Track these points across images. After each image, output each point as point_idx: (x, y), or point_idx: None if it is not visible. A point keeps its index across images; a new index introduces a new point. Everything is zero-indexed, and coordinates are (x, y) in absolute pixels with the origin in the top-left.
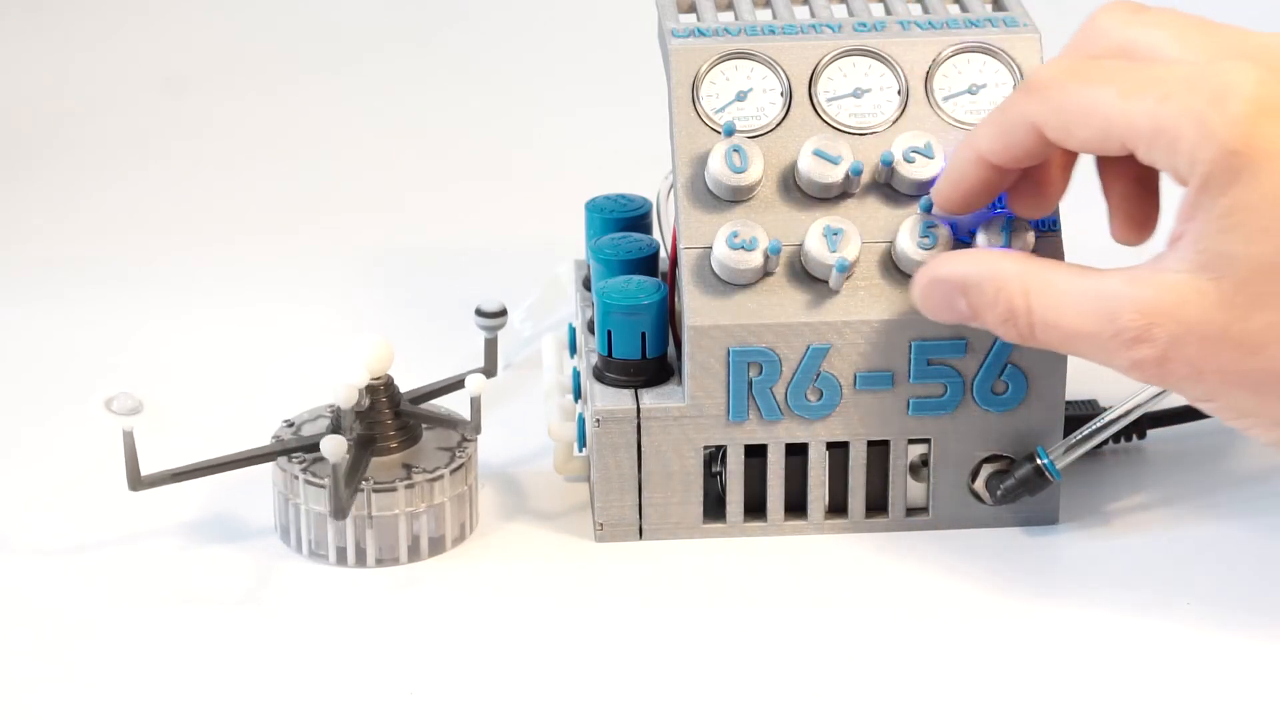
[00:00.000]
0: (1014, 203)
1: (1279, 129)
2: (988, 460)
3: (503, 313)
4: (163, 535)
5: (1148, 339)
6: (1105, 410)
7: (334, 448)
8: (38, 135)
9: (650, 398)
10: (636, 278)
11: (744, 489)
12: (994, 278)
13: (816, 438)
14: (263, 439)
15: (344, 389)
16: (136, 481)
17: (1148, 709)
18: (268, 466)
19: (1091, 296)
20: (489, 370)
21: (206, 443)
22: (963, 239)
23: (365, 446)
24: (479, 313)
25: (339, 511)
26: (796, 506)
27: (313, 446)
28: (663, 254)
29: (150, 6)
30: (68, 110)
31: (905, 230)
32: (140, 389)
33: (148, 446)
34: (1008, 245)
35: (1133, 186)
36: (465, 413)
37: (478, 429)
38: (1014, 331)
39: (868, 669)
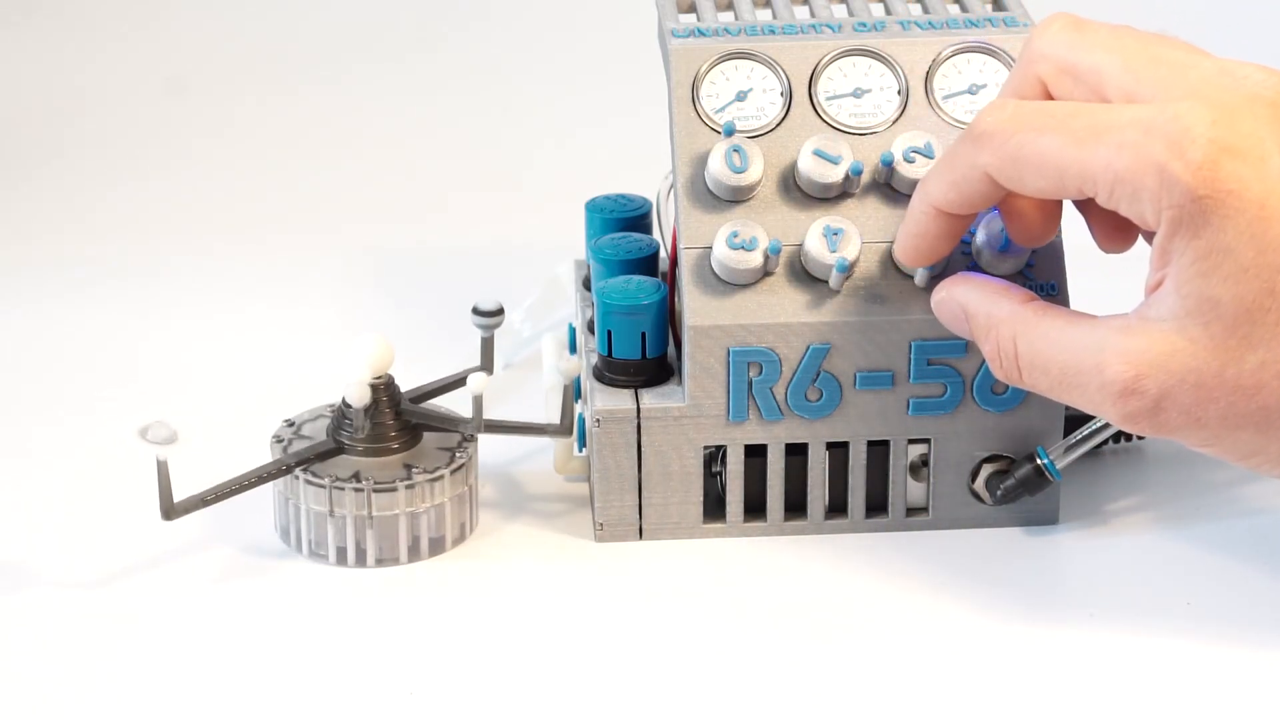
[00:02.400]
0: (1014, 235)
1: (1239, 169)
2: (988, 460)
3: (499, 311)
4: (163, 535)
5: (1137, 391)
6: None
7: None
8: (37, 136)
9: (650, 398)
10: (636, 278)
11: (744, 489)
12: (989, 315)
13: (816, 438)
14: (263, 439)
15: (355, 387)
16: (170, 510)
17: (1148, 709)
18: None
19: (1080, 348)
20: (485, 369)
21: (206, 443)
22: (963, 239)
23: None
24: (476, 311)
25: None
26: (796, 506)
27: (327, 453)
28: (663, 254)
29: (150, 6)
30: (67, 111)
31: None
32: (140, 389)
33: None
34: (1007, 245)
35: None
36: (465, 411)
37: (480, 427)
38: (1002, 372)
39: (868, 669)
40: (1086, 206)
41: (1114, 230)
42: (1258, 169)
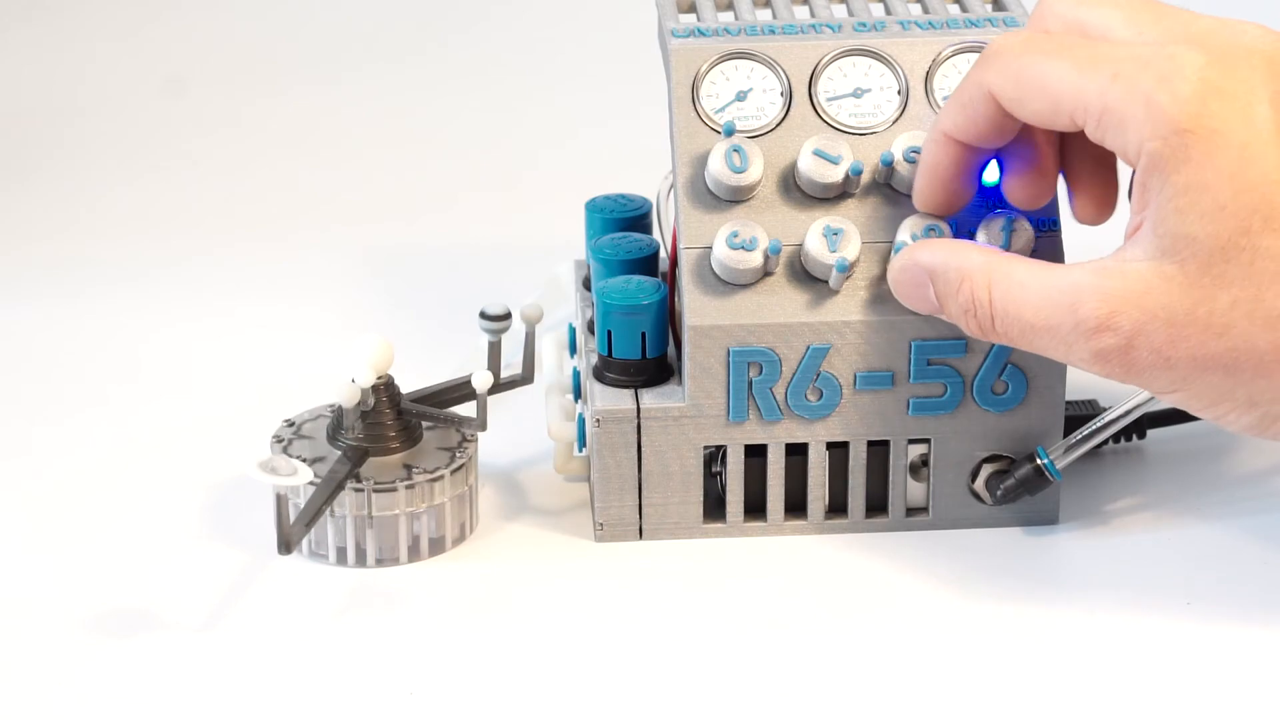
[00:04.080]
0: (1012, 193)
1: (1225, 109)
2: (988, 460)
3: (507, 316)
4: (163, 535)
5: (1110, 327)
6: (1105, 410)
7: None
8: (37, 136)
9: (650, 398)
10: (636, 278)
11: (744, 489)
12: (959, 268)
13: (816, 438)
14: (263, 439)
15: (346, 388)
16: (287, 545)
17: (1148, 709)
18: None
19: (1054, 289)
20: (492, 374)
21: (207, 443)
22: (963, 239)
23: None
24: (484, 315)
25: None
26: (796, 506)
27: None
28: (663, 254)
29: (150, 6)
30: (67, 111)
31: (905, 230)
32: (140, 389)
33: (147, 446)
34: (1007, 245)
35: (1091, 165)
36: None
37: (484, 425)
38: (974, 323)
39: (868, 669)
40: (1071, 163)
41: (1095, 192)
42: (1244, 113)
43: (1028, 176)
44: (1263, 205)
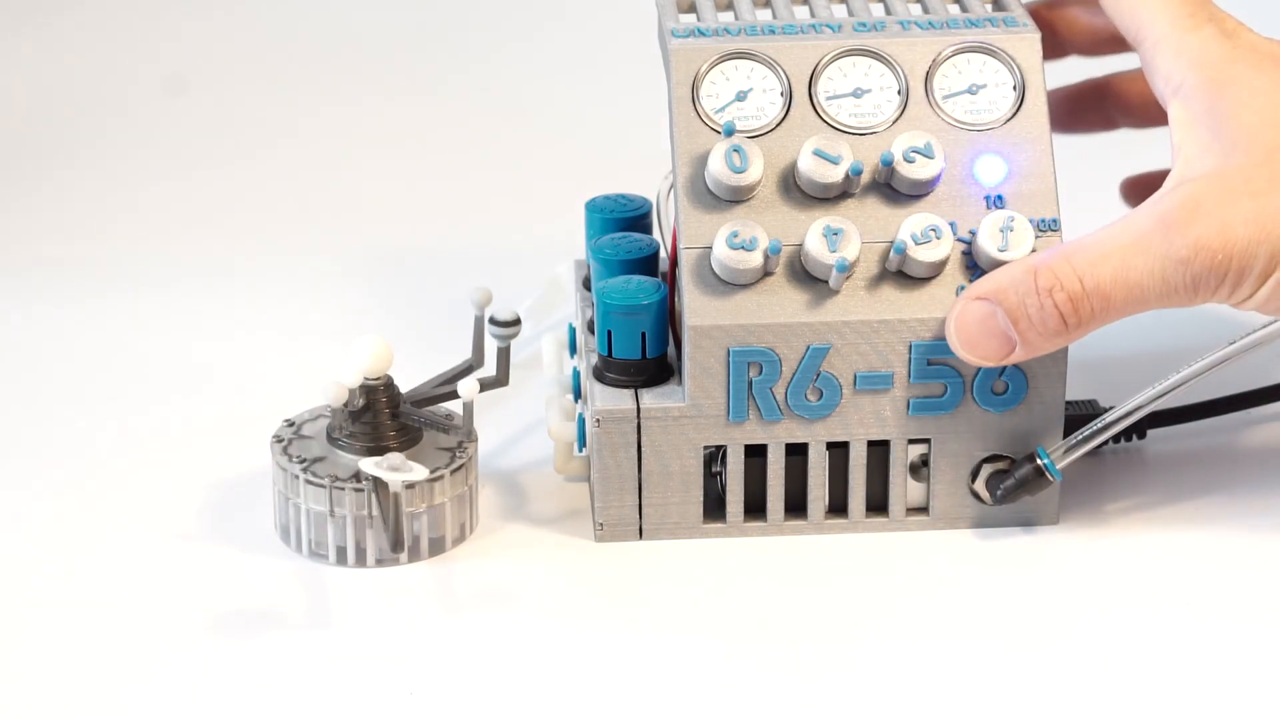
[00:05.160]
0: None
1: (1254, 56)
2: (988, 460)
3: (516, 321)
4: (163, 535)
5: (1201, 217)
6: (1105, 410)
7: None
8: (37, 135)
9: (650, 398)
10: (636, 278)
11: (744, 489)
12: (1025, 266)
13: (816, 438)
14: (263, 439)
15: (334, 387)
16: (400, 543)
17: (1148, 709)
18: (267, 465)
19: (1130, 223)
20: (501, 379)
21: (207, 442)
22: (963, 239)
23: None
24: (493, 321)
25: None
26: (796, 506)
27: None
28: (663, 254)
29: (150, 6)
30: (67, 110)
31: (905, 230)
32: (140, 389)
33: (147, 446)
34: (1006, 245)
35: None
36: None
37: (469, 434)
38: (1063, 297)
39: (868, 669)
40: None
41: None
42: (1268, 62)
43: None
44: None
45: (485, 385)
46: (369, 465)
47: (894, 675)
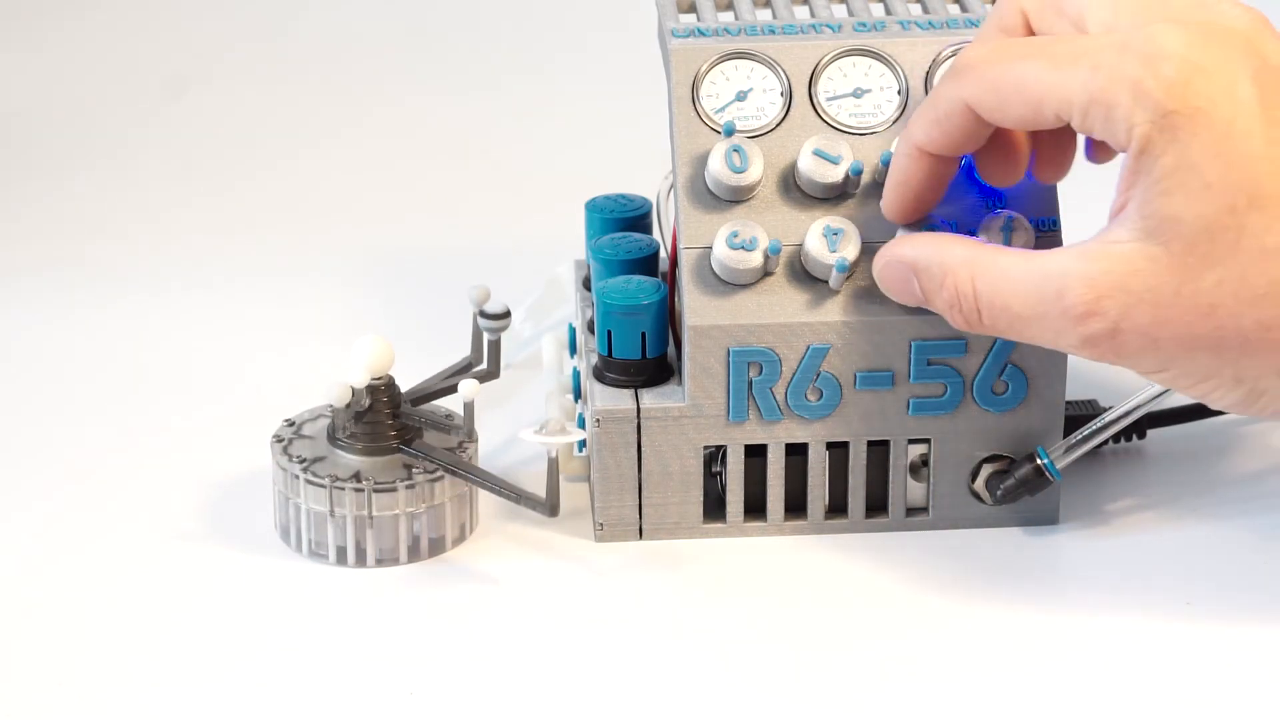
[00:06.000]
0: (985, 172)
1: (1209, 87)
2: (988, 460)
3: (506, 314)
4: (163, 535)
5: (1098, 312)
6: (1105, 410)
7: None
8: (37, 136)
9: (650, 398)
10: (636, 278)
11: (744, 489)
12: (941, 262)
13: (816, 438)
14: (263, 439)
15: (336, 387)
16: (556, 507)
17: (1148, 709)
18: (267, 465)
19: (1039, 276)
20: (492, 372)
21: (207, 442)
22: None
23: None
24: (483, 315)
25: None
26: (796, 506)
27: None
28: (663, 254)
29: (150, 6)
30: (67, 111)
31: (905, 230)
32: (140, 389)
33: (148, 446)
34: (1008, 245)
35: (1050, 135)
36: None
37: (470, 433)
38: (960, 317)
39: (868, 669)
40: (1037, 135)
41: (1052, 153)
42: (1227, 90)
43: (1000, 155)
44: (1247, 183)
45: (477, 378)
46: (528, 435)
47: (894, 675)
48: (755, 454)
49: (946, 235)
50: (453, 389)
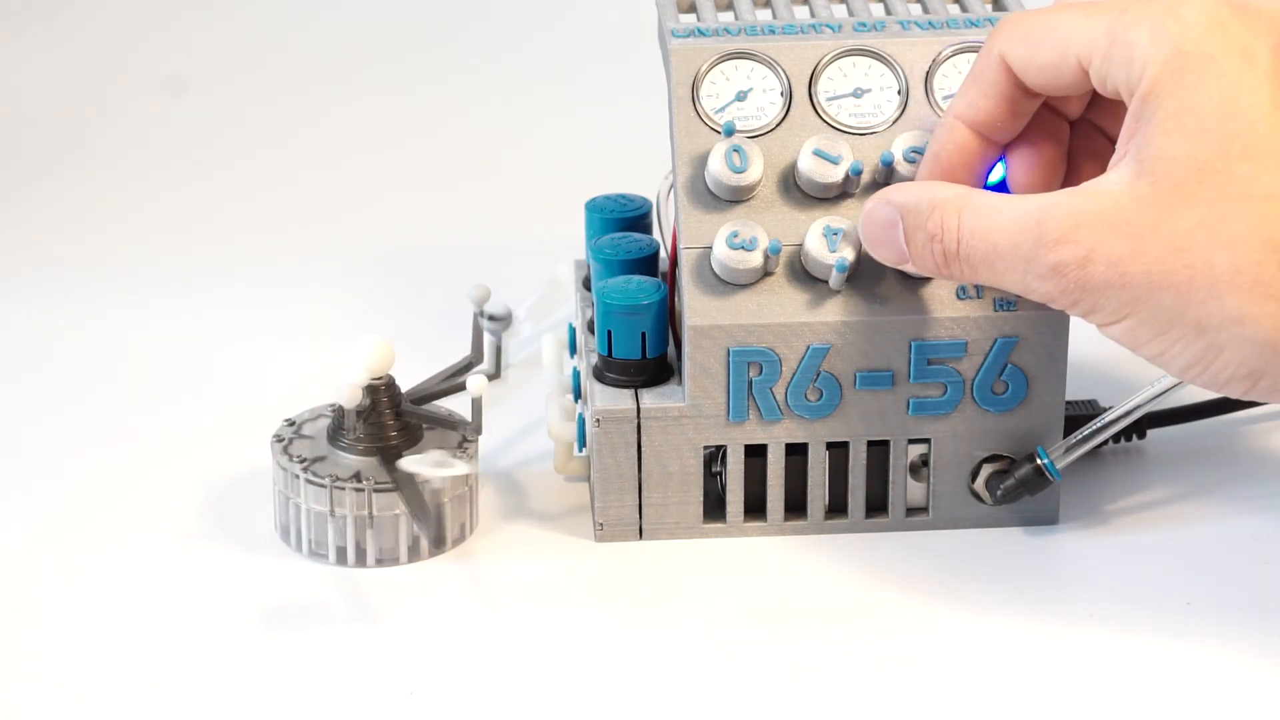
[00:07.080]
0: (1015, 180)
1: (1228, 41)
2: (988, 460)
3: (508, 315)
4: (164, 535)
5: (1072, 240)
6: (1105, 410)
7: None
8: (37, 136)
9: (650, 398)
10: (636, 278)
11: (744, 489)
12: (931, 198)
13: (816, 438)
14: (263, 439)
15: (346, 389)
16: (443, 539)
17: (1147, 709)
18: (267, 465)
19: (1023, 210)
20: (493, 372)
21: (207, 442)
22: None
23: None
24: (486, 316)
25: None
26: (796, 506)
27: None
28: (663, 254)
29: (150, 7)
30: (67, 111)
31: None
32: (141, 389)
33: (148, 446)
34: None
35: (1056, 148)
36: (466, 413)
37: (479, 430)
38: (939, 251)
39: (868, 669)
40: (1040, 138)
41: (1045, 170)
42: (1245, 50)
43: (1033, 160)
44: (1245, 133)
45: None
46: (409, 464)
47: (894, 675)
48: (755, 454)
49: (938, 182)
50: (453, 389)
